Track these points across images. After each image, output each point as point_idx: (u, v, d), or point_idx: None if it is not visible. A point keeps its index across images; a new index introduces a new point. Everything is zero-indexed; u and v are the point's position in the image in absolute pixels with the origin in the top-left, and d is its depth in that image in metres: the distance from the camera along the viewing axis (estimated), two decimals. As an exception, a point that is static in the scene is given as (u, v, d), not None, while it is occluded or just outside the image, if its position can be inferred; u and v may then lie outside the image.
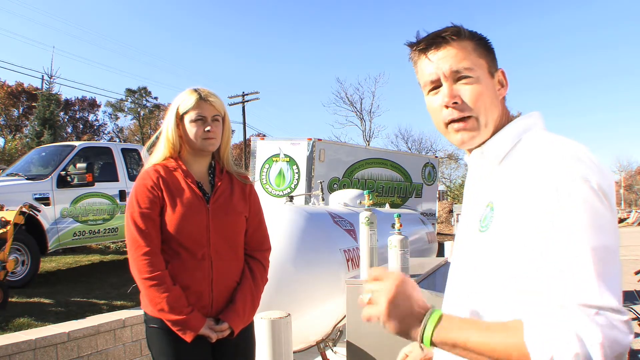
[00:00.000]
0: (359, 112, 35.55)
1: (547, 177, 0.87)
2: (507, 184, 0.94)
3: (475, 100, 1.00)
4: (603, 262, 0.80)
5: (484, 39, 1.07)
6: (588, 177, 0.85)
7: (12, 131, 34.97)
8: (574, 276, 0.80)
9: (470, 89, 1.01)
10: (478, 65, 1.02)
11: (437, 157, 18.45)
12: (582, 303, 0.78)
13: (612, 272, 0.81)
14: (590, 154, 0.91)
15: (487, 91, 1.02)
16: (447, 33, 1.03)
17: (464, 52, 1.02)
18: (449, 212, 21.73)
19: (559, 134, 0.97)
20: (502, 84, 1.06)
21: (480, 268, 0.97)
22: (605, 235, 0.82)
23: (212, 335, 1.91)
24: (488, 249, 0.95)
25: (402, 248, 2.85)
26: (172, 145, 2.02)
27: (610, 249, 0.82)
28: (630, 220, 32.13)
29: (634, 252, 13.62)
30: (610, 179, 0.89)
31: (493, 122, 1.03)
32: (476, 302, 0.98)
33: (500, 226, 0.92)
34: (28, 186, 6.89)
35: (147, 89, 44.56)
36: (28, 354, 3.78)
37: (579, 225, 0.82)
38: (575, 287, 0.79)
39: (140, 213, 1.91)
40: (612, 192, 0.89)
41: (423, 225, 7.13)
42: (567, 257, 0.81)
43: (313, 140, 9.98)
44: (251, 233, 2.11)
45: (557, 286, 0.81)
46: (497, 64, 1.07)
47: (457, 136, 1.03)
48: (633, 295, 5.48)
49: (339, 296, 3.26)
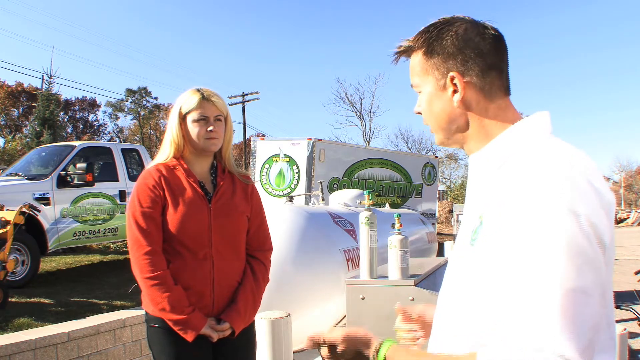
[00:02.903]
0: (359, 112, 35.58)
1: (532, 203, 0.80)
2: (497, 198, 0.88)
3: (423, 110, 1.06)
4: (574, 306, 0.74)
5: (433, 41, 1.01)
6: (576, 210, 0.78)
7: (12, 131, 34.97)
8: (536, 317, 0.74)
9: (419, 99, 1.07)
10: (423, 81, 1.04)
11: (437, 157, 18.45)
12: (535, 347, 0.73)
13: (583, 318, 0.74)
14: (588, 170, 0.84)
15: (433, 101, 1.03)
16: (399, 51, 1.08)
17: (412, 70, 1.07)
18: (449, 212, 21.73)
19: (564, 138, 0.93)
20: (455, 89, 0.99)
21: (464, 284, 0.94)
22: (581, 278, 0.75)
23: (213, 335, 1.91)
24: (472, 264, 0.91)
25: (402, 248, 2.85)
26: (177, 145, 2.02)
27: (585, 294, 0.75)
28: (630, 220, 32.12)
29: (634, 252, 13.62)
30: (607, 202, 0.83)
31: (443, 127, 1.04)
32: (457, 317, 0.95)
33: (485, 243, 0.88)
34: (28, 186, 6.89)
35: (147, 89, 44.63)
36: (28, 354, 3.78)
37: (554, 263, 0.75)
38: (536, 330, 0.73)
39: (142, 212, 1.91)
40: (608, 215, 0.82)
41: (423, 225, 7.14)
42: (534, 295, 0.75)
43: (313, 140, 9.97)
44: (253, 233, 2.11)
45: (514, 323, 0.76)
46: (453, 65, 0.99)
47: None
48: (633, 295, 5.48)
49: (339, 296, 3.26)
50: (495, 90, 0.99)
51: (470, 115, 1.00)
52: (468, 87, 0.98)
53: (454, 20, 1.02)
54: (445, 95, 1.00)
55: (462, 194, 37.95)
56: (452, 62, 0.98)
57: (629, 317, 4.88)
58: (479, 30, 0.99)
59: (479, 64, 0.98)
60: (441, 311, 1.03)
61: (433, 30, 1.01)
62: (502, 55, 1.01)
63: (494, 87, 0.99)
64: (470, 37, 0.98)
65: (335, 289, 3.33)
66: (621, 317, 5.02)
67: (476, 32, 0.99)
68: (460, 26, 0.99)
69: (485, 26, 1.00)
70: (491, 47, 0.99)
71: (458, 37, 0.98)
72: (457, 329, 0.94)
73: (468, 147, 1.03)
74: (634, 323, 4.96)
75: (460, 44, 0.98)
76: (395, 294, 2.75)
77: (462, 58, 0.98)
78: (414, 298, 2.71)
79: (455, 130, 1.02)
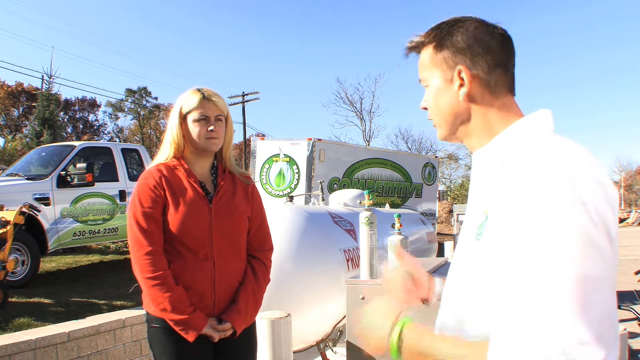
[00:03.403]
0: (359, 112, 35.58)
1: (539, 195, 0.81)
2: (503, 193, 0.89)
3: (429, 105, 1.09)
4: (584, 293, 0.74)
5: (444, 36, 1.03)
6: (584, 200, 0.79)
7: (12, 131, 34.96)
8: (550, 304, 0.74)
9: (426, 94, 1.09)
10: (431, 74, 1.06)
11: (437, 157, 18.46)
12: (549, 333, 0.73)
13: (596, 305, 0.75)
14: (591, 165, 0.85)
15: (439, 95, 1.05)
16: (410, 46, 1.10)
17: (421, 64, 1.09)
18: (449, 212, 21.73)
19: (565, 137, 0.93)
20: (462, 83, 1.01)
21: (471, 277, 0.94)
22: (591, 265, 0.76)
23: (215, 335, 1.91)
24: (480, 258, 0.92)
25: (402, 248, 2.85)
26: (177, 145, 2.02)
27: (595, 281, 0.76)
28: (630, 220, 32.15)
29: (634, 252, 13.63)
30: (611, 197, 0.83)
31: (447, 121, 1.05)
32: (464, 311, 0.95)
33: (491, 237, 0.89)
34: (28, 186, 6.89)
35: (147, 89, 44.62)
36: (28, 354, 3.78)
37: (563, 251, 0.76)
38: (545, 316, 0.74)
39: (143, 212, 1.91)
40: (613, 210, 0.83)
41: (423, 225, 7.14)
42: (546, 282, 0.76)
43: (313, 140, 9.98)
44: (253, 233, 2.11)
45: (527, 312, 0.76)
46: (461, 59, 1.01)
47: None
48: (633, 295, 5.49)
49: (339, 296, 3.26)
50: (500, 87, 1.02)
51: (475, 110, 1.02)
52: (474, 81, 1.01)
53: (465, 18, 1.05)
54: (451, 88, 1.03)
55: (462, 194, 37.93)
56: (461, 56, 1.01)
57: (629, 317, 4.89)
58: (489, 29, 1.03)
59: (487, 60, 1.01)
60: (446, 305, 1.03)
61: (444, 27, 1.05)
62: (508, 55, 1.03)
63: (499, 84, 1.01)
64: (480, 34, 1.02)
65: (335, 289, 3.33)
66: (621, 317, 5.02)
67: (486, 30, 1.02)
68: (471, 24, 1.03)
69: (495, 26, 1.04)
70: (499, 46, 1.02)
71: (468, 34, 1.02)
72: (464, 321, 0.94)
73: (470, 142, 1.05)
74: (634, 323, 4.97)
75: (470, 40, 1.01)
76: (395, 294, 2.75)
77: (470, 53, 1.01)
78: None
79: (459, 124, 1.04)
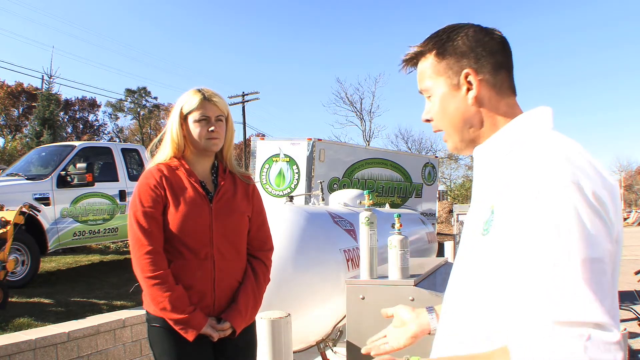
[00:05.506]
0: (359, 112, 35.60)
1: (538, 181, 0.83)
2: (506, 186, 0.91)
3: (435, 114, 1.07)
4: (593, 275, 0.75)
5: (444, 43, 1.03)
6: (580, 182, 0.81)
7: (12, 131, 34.97)
8: (560, 291, 0.75)
9: (431, 105, 1.08)
10: (435, 83, 1.05)
11: (437, 157, 18.44)
12: (568, 321, 0.73)
13: (603, 287, 0.76)
14: (587, 156, 0.87)
15: (446, 102, 1.04)
16: (407, 58, 1.09)
17: (421, 74, 1.08)
18: (449, 212, 21.72)
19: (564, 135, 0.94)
20: (470, 87, 1.02)
21: (479, 273, 0.94)
22: (595, 248, 0.77)
23: (214, 335, 1.91)
24: (488, 253, 0.92)
25: (402, 248, 2.85)
26: (177, 145, 2.02)
27: (601, 263, 0.77)
28: (630, 220, 32.16)
29: (634, 252, 13.62)
30: (609, 184, 0.85)
31: (457, 128, 1.04)
32: (472, 307, 0.95)
33: (499, 231, 0.89)
34: (28, 186, 6.89)
35: (147, 89, 44.66)
36: (28, 354, 3.78)
37: (566, 236, 0.77)
38: (561, 304, 0.74)
39: (143, 212, 1.91)
40: (613, 199, 0.84)
41: (423, 225, 7.14)
42: (553, 269, 0.76)
43: (313, 140, 9.97)
44: (254, 233, 2.12)
45: (539, 302, 0.76)
46: (466, 63, 1.01)
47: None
48: (633, 295, 5.48)
49: (339, 296, 3.26)
50: (505, 88, 1.03)
51: (484, 112, 1.03)
52: (482, 84, 1.01)
53: (461, 25, 1.06)
54: (459, 94, 1.03)
55: (462, 194, 37.94)
56: (466, 60, 1.02)
57: (629, 317, 4.89)
58: (487, 32, 1.05)
59: (491, 62, 1.02)
60: (452, 303, 1.03)
61: (442, 34, 1.05)
62: (508, 56, 1.05)
63: (504, 86, 1.03)
64: (480, 37, 1.03)
65: (335, 289, 3.33)
66: (621, 317, 5.01)
67: (484, 33, 1.04)
68: (469, 29, 1.04)
69: (492, 30, 1.06)
70: (500, 47, 1.03)
71: (469, 38, 1.03)
72: (471, 318, 0.95)
73: (461, 144, 1.07)
74: (634, 323, 4.97)
75: (471, 43, 1.02)
76: (395, 294, 2.75)
77: (474, 56, 1.02)
78: (414, 298, 2.71)
79: (469, 129, 1.04)
